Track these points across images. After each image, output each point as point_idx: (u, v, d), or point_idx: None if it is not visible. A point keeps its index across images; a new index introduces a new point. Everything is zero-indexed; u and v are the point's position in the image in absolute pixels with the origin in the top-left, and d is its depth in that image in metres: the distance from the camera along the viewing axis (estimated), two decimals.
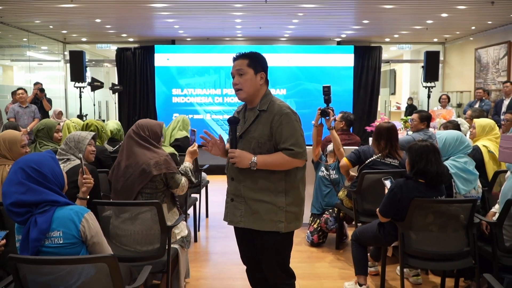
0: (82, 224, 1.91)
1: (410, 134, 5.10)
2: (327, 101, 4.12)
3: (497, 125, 4.34)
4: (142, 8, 8.30)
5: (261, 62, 2.39)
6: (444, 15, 8.70)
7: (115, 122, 4.71)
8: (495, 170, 3.73)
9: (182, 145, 4.82)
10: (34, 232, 1.85)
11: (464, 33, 11.13)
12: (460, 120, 5.03)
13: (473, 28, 10.32)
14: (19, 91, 7.59)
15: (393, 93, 15.42)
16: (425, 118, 4.69)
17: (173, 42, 12.02)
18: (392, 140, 3.76)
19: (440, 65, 12.14)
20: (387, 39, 12.32)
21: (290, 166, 2.30)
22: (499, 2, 7.46)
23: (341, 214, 4.36)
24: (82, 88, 9.92)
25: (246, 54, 2.37)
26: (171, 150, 4.18)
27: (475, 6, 7.87)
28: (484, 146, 3.97)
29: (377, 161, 3.80)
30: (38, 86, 8.58)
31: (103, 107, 13.35)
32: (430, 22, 9.48)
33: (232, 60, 2.43)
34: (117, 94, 11.41)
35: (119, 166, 2.90)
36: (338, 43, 12.14)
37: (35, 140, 3.87)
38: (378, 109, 12.38)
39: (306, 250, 4.36)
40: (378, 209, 3.02)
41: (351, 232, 3.63)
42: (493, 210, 3.16)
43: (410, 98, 12.80)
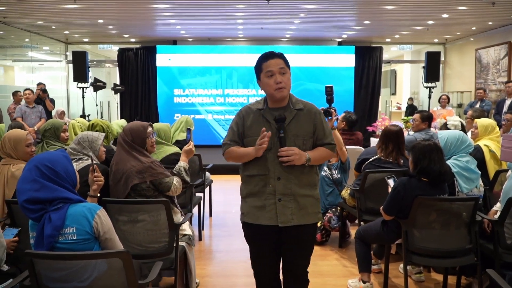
0: (95, 220, 1.96)
1: (411, 134, 5.15)
2: (330, 101, 4.16)
3: (498, 124, 4.39)
4: (144, 9, 8.36)
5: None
6: (444, 16, 8.75)
7: (123, 122, 4.75)
8: (496, 169, 3.78)
9: (183, 147, 4.86)
10: (48, 228, 1.90)
11: (464, 33, 11.18)
12: (461, 120, 5.08)
13: (473, 28, 10.37)
14: (26, 92, 7.67)
15: (393, 93, 15.47)
16: (426, 118, 4.74)
17: (174, 42, 12.08)
18: (399, 143, 3.83)
19: (440, 65, 12.20)
20: (388, 40, 12.37)
21: (327, 159, 2.55)
22: (500, 2, 7.51)
23: (344, 213, 4.41)
24: (85, 88, 9.96)
25: (280, 54, 2.41)
26: (176, 150, 4.21)
27: (476, 6, 7.92)
28: (485, 145, 4.01)
29: (380, 159, 3.85)
30: (41, 87, 8.63)
31: (105, 107, 13.40)
32: (431, 22, 9.53)
33: (263, 58, 2.39)
34: (119, 94, 11.46)
35: (111, 170, 2.94)
36: (339, 44, 12.20)
37: (42, 139, 3.91)
38: (379, 109, 12.43)
39: None
40: (382, 207, 3.07)
41: (354, 231, 3.67)
42: (494, 208, 3.21)
43: (411, 98, 12.84)
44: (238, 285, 3.65)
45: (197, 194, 4.79)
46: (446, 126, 5.17)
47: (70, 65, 11.66)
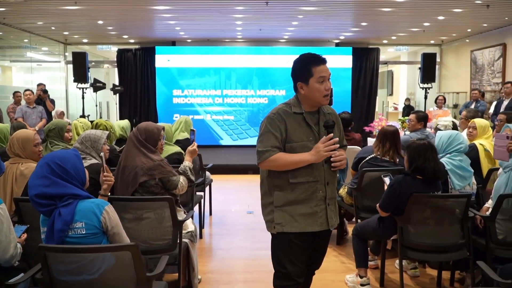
0: (103, 215, 2.06)
1: (407, 134, 5.25)
2: (329, 103, 4.26)
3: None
4: (143, 10, 8.45)
5: None
6: (440, 18, 8.88)
7: (126, 122, 4.85)
8: (489, 167, 3.89)
9: (183, 146, 4.95)
10: (58, 223, 1.99)
11: (460, 35, 11.32)
12: (454, 120, 5.19)
13: (469, 30, 10.51)
14: (27, 92, 7.75)
15: (390, 94, 15.61)
16: (422, 118, 4.85)
17: (173, 43, 12.17)
18: (396, 143, 3.94)
19: (436, 66, 12.32)
20: (385, 41, 12.51)
21: None
22: (494, 5, 7.64)
23: (341, 211, 4.50)
24: (84, 89, 10.04)
25: (326, 60, 2.34)
26: (178, 149, 4.31)
27: (471, 9, 8.05)
28: (481, 144, 4.11)
29: (377, 158, 3.95)
30: (41, 87, 8.70)
31: (104, 108, 13.47)
32: (427, 24, 9.66)
33: (314, 61, 2.29)
34: (118, 94, 11.54)
35: (120, 166, 3.04)
36: (337, 45, 12.32)
37: (46, 139, 3.99)
38: (376, 109, 12.55)
39: None
40: (378, 204, 3.17)
41: (351, 228, 3.77)
42: (486, 205, 3.31)
43: (408, 99, 12.97)
44: (239, 281, 3.74)
45: (197, 193, 4.88)
46: (437, 127, 5.27)
47: (69, 65, 11.77)
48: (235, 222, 5.38)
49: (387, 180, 3.26)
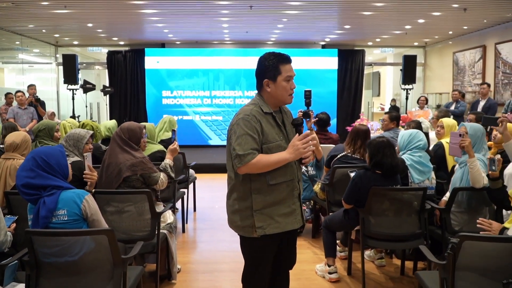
0: (83, 204, 2.30)
1: (381, 133, 5.52)
2: (308, 104, 4.52)
3: None
4: (132, 13, 8.66)
5: None
6: (421, 21, 9.17)
7: (113, 122, 5.08)
8: (454, 164, 4.15)
9: (167, 145, 5.18)
10: (43, 210, 2.24)
11: (442, 37, 11.64)
12: (421, 119, 5.47)
13: (450, 32, 10.81)
14: (18, 94, 7.96)
15: (378, 94, 15.91)
16: (394, 118, 5.12)
17: (163, 45, 12.40)
18: (367, 141, 4.20)
19: (420, 68, 12.65)
20: (370, 43, 12.81)
21: None
22: (472, 8, 7.93)
23: (317, 207, 4.77)
24: (75, 90, 10.24)
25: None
26: (161, 148, 4.54)
27: (449, 12, 8.33)
28: (447, 142, 4.38)
29: (348, 156, 4.21)
30: (32, 89, 8.88)
31: (94, 109, 13.64)
32: (408, 27, 9.95)
33: (282, 60, 2.33)
34: (108, 95, 11.75)
35: (104, 163, 3.27)
36: (323, 47, 12.60)
37: (35, 139, 4.22)
38: (362, 110, 12.82)
39: None
40: (342, 197, 3.43)
41: None
42: (444, 198, 3.58)
43: (394, 100, 13.26)
44: (218, 270, 3.98)
45: (181, 190, 5.12)
46: (421, 126, 5.52)
47: (60, 67, 11.94)
48: (218, 217, 5.61)
49: (353, 175, 3.52)
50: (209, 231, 5.07)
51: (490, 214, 3.32)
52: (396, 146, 3.75)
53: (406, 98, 10.75)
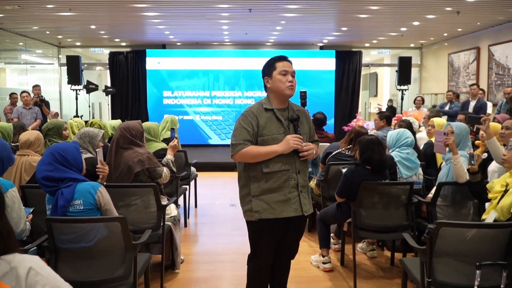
0: (97, 195, 2.53)
1: (374, 132, 5.74)
2: (303, 104, 4.75)
3: None
4: (134, 16, 8.89)
5: None
6: (416, 23, 9.41)
7: (118, 121, 5.31)
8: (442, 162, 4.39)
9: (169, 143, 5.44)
10: (61, 200, 2.46)
11: (437, 39, 11.88)
12: (411, 119, 5.71)
13: (445, 34, 11.06)
14: (24, 94, 8.18)
15: (375, 95, 16.15)
16: (384, 117, 5.35)
17: (163, 46, 12.63)
18: None
19: (416, 69, 12.88)
20: (367, 44, 13.04)
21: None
22: (465, 11, 8.17)
23: (313, 202, 4.99)
24: (78, 90, 10.47)
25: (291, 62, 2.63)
26: (163, 145, 4.78)
27: (443, 15, 8.57)
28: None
29: (341, 153, 4.45)
30: (37, 89, 9.10)
31: (96, 109, 13.88)
32: (404, 29, 10.19)
33: (278, 58, 2.62)
34: (110, 96, 11.98)
35: (110, 165, 3.46)
36: (321, 48, 12.83)
37: (45, 138, 4.43)
38: (359, 110, 13.05)
39: None
40: (335, 192, 3.67)
41: None
42: (429, 195, 3.80)
43: (391, 100, 13.48)
44: (219, 261, 4.21)
45: (183, 186, 5.36)
46: (412, 126, 5.75)
47: (63, 67, 12.18)
48: (218, 213, 5.86)
49: (344, 171, 3.75)
50: (209, 226, 5.30)
51: (473, 207, 3.56)
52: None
53: (402, 99, 10.99)
